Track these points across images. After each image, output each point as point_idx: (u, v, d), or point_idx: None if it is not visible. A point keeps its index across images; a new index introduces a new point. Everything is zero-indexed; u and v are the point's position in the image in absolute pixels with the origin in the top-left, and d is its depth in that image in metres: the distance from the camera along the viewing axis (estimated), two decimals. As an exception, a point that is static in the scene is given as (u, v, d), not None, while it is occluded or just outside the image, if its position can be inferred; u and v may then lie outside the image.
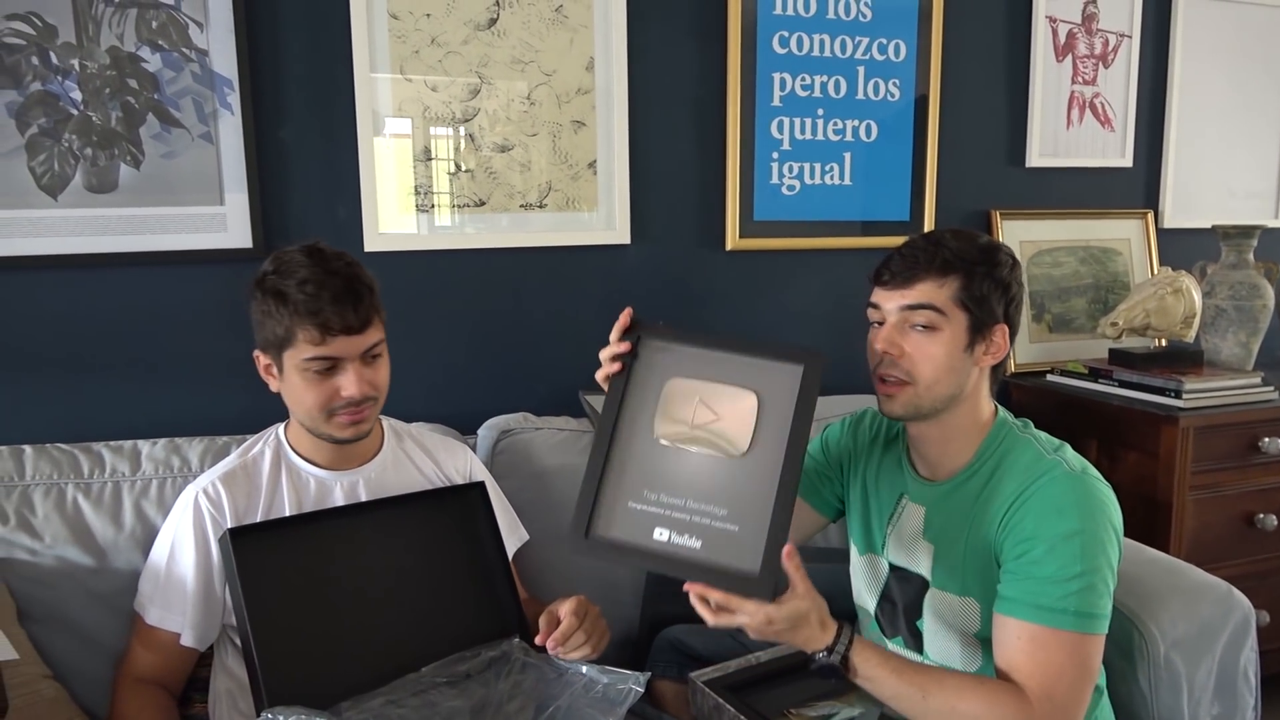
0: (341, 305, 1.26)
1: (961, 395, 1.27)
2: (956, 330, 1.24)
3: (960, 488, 1.30)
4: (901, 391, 1.26)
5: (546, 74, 1.96)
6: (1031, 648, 1.15)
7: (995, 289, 1.25)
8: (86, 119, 1.69)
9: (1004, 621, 1.19)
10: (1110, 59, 2.45)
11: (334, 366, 1.29)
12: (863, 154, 2.22)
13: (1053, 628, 1.14)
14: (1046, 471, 1.22)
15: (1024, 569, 1.18)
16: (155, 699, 1.29)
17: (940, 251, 1.24)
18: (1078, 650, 1.15)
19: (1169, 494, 2.01)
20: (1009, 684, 1.15)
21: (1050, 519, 1.18)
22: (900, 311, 1.25)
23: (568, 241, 2.02)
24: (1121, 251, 2.53)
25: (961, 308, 1.24)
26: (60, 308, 1.72)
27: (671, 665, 1.44)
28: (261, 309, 1.29)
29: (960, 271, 1.24)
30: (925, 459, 1.36)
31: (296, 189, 1.83)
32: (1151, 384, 2.09)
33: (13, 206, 1.67)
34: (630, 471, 1.14)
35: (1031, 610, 1.16)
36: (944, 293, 1.24)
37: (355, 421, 1.32)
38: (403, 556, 1.37)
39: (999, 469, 1.27)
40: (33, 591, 1.43)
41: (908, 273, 1.25)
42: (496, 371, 2.00)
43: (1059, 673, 1.14)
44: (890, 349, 1.25)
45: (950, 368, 1.24)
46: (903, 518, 1.38)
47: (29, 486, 1.50)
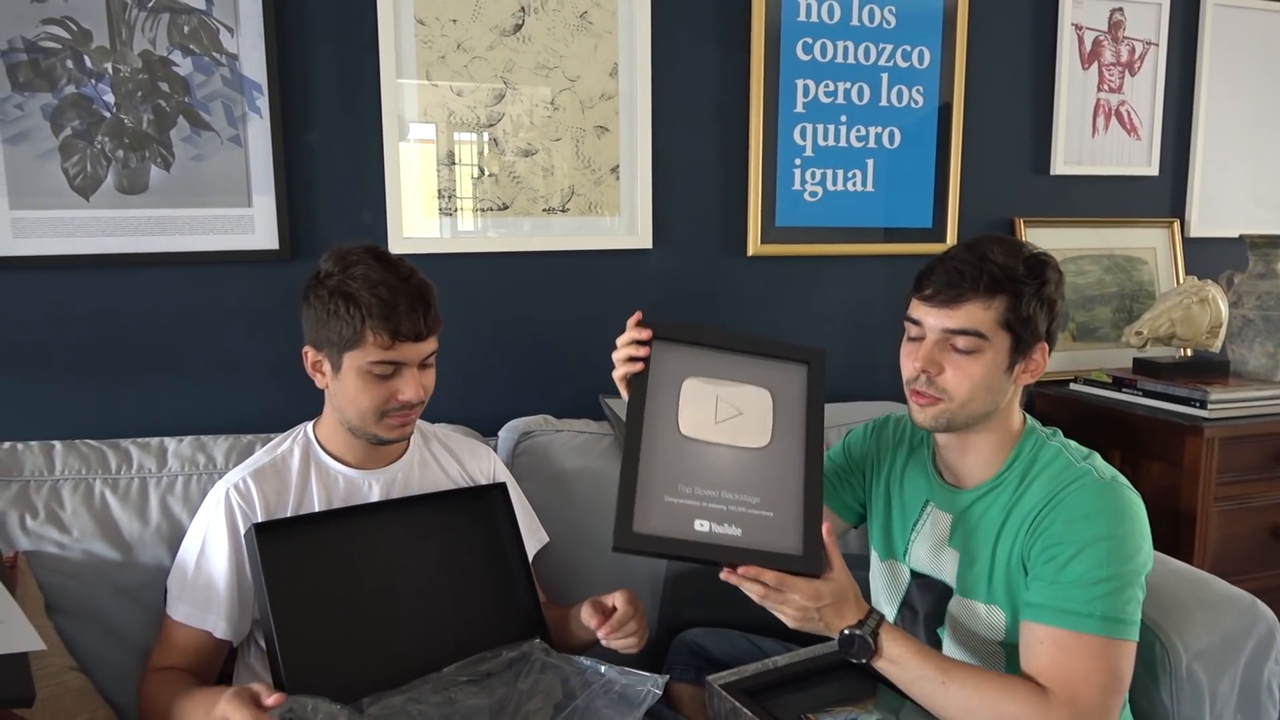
0: (414, 313, 1.29)
1: (994, 411, 1.26)
2: (998, 352, 1.22)
3: (988, 496, 1.30)
4: (935, 405, 1.25)
5: (570, 79, 1.97)
6: (1055, 652, 1.14)
7: (1042, 308, 1.22)
8: (119, 121, 1.72)
9: (1029, 627, 1.18)
10: (1137, 67, 2.44)
11: (394, 371, 1.31)
12: (885, 161, 2.22)
13: (1077, 632, 1.13)
14: (1076, 479, 1.21)
15: (1050, 574, 1.17)
16: (179, 676, 1.29)
17: (987, 268, 1.20)
18: (1104, 655, 1.13)
19: (1193, 505, 1.99)
20: (1033, 683, 1.14)
21: (1078, 524, 1.17)
22: (942, 332, 1.23)
23: (589, 246, 2.03)
24: (1147, 260, 2.51)
25: (1006, 329, 1.21)
26: (90, 307, 1.75)
27: (689, 668, 1.45)
28: (327, 308, 1.29)
29: (1008, 292, 1.20)
30: (952, 467, 1.35)
31: (322, 192, 1.85)
32: (1176, 394, 2.07)
33: (46, 207, 1.70)
34: (662, 467, 1.17)
35: (1056, 615, 1.15)
36: (990, 315, 1.20)
37: (404, 424, 1.35)
38: (425, 555, 1.38)
39: (1028, 475, 1.26)
40: (60, 584, 1.45)
41: (953, 291, 1.21)
42: (517, 374, 2.01)
43: (1083, 678, 1.12)
44: (929, 368, 1.23)
45: (988, 388, 1.23)
46: (927, 524, 1.37)
47: (58, 481, 1.53)
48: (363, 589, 1.32)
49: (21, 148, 1.68)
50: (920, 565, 1.38)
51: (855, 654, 1.17)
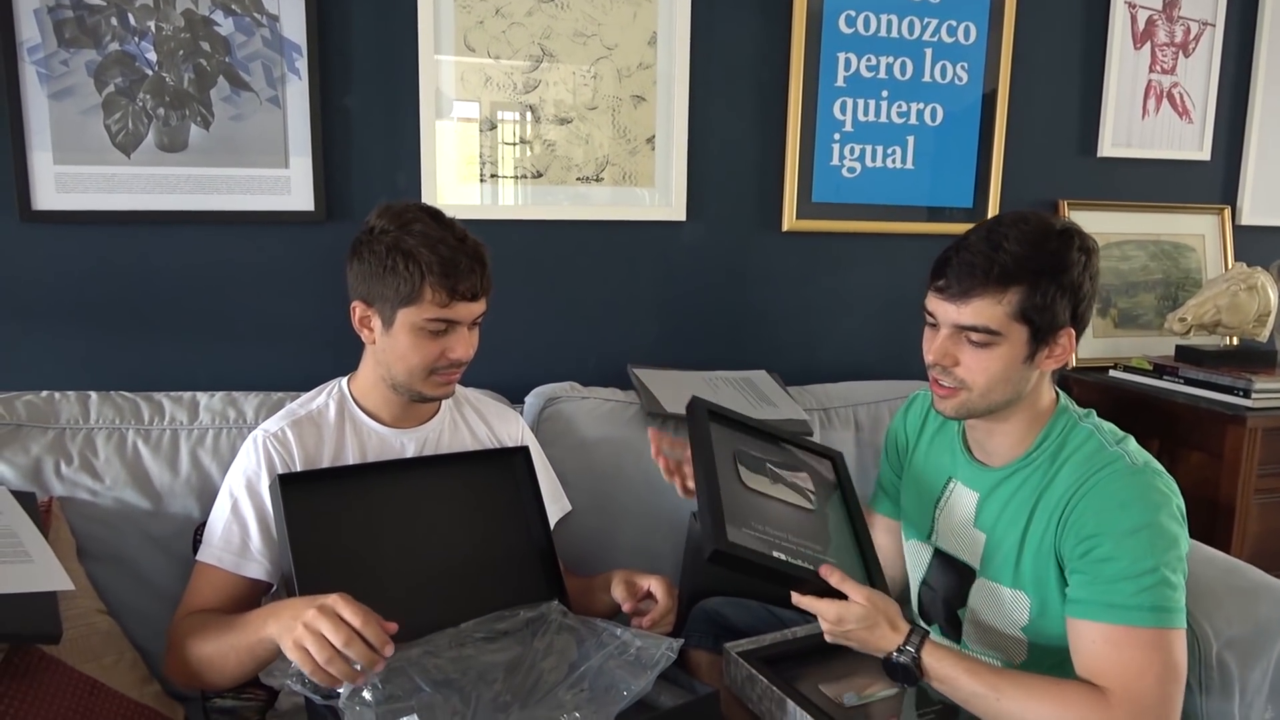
0: (472, 273, 1.31)
1: (1019, 398, 1.23)
2: (1015, 344, 1.19)
3: (1017, 475, 1.27)
4: (954, 395, 1.23)
5: (608, 48, 1.96)
6: (1109, 649, 1.11)
7: (1062, 295, 1.17)
8: (160, 79, 1.74)
9: (1077, 626, 1.15)
10: (1191, 48, 2.37)
11: (447, 329, 1.32)
12: (927, 138, 2.18)
13: (1129, 625, 1.10)
14: (1107, 464, 1.18)
15: (1092, 569, 1.14)
16: (205, 613, 1.28)
17: (999, 260, 1.15)
18: (1158, 647, 1.10)
19: (1232, 496, 1.94)
20: (1088, 685, 1.11)
21: (1113, 514, 1.14)
22: (953, 326, 1.20)
23: (623, 216, 2.02)
24: (1195, 248, 2.44)
25: (1021, 321, 1.17)
26: (129, 262, 1.77)
27: (707, 636, 1.44)
28: (383, 263, 1.29)
29: (1022, 283, 1.16)
30: (981, 444, 1.33)
31: (358, 155, 1.86)
32: (1219, 382, 2.02)
33: (89, 163, 1.73)
34: (737, 506, 1.25)
35: (1104, 610, 1.12)
36: (1001, 309, 1.17)
37: (449, 382, 1.37)
38: (446, 514, 1.39)
39: (1058, 458, 1.24)
40: (92, 530, 1.48)
41: (963, 285, 1.18)
42: (546, 342, 2.01)
43: (1140, 672, 1.09)
44: (943, 359, 1.22)
45: (1006, 379, 1.20)
46: (951, 501, 1.36)
47: (92, 430, 1.55)
48: (383, 544, 1.33)
49: (66, 103, 1.70)
50: (944, 544, 1.37)
51: (900, 679, 1.18)
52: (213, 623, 1.23)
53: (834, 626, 1.17)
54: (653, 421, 1.76)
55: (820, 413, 1.90)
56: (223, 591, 1.32)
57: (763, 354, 2.12)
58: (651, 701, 1.20)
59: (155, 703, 1.35)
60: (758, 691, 1.24)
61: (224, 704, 1.41)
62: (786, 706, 1.18)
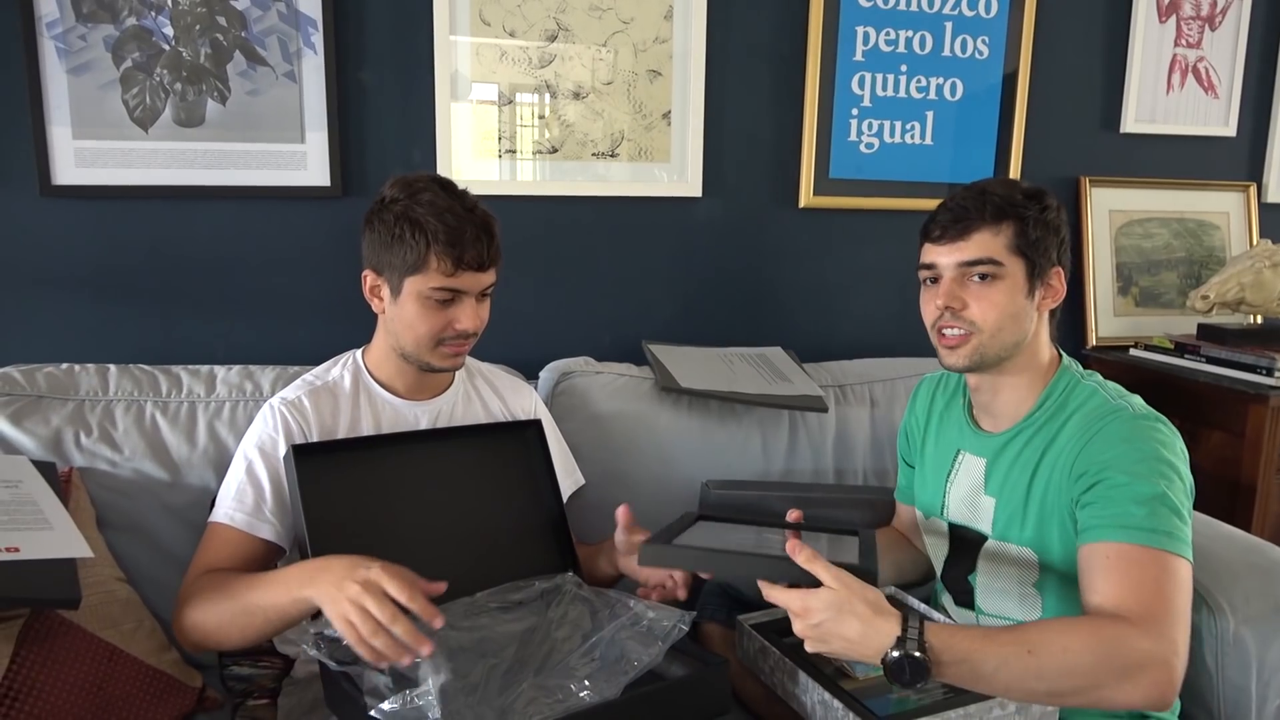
0: (479, 242, 1.30)
1: (1024, 342, 1.26)
2: (1016, 277, 1.23)
3: (1021, 435, 1.29)
4: (965, 342, 1.24)
5: (624, 22, 1.95)
6: (1124, 566, 1.08)
7: (1048, 232, 1.24)
8: (177, 54, 1.75)
9: (1090, 549, 1.12)
10: (1218, 21, 2.33)
11: (453, 299, 1.32)
12: (946, 113, 2.16)
13: (1142, 545, 1.08)
14: (1113, 413, 1.20)
15: (1103, 494, 1.13)
16: (215, 573, 1.26)
17: (989, 199, 1.23)
18: (1171, 570, 1.07)
19: (1254, 476, 1.92)
20: (1109, 618, 1.05)
21: (1119, 449, 1.15)
22: (958, 267, 1.24)
23: (638, 192, 2.02)
24: (1219, 225, 2.41)
25: (1018, 254, 1.23)
26: (146, 237, 1.79)
27: (720, 609, 1.45)
28: (391, 232, 1.30)
29: (1013, 218, 1.23)
30: (988, 410, 1.34)
31: (374, 130, 1.86)
32: (1242, 361, 1.99)
33: (107, 138, 1.74)
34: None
35: (1118, 530, 1.09)
36: (1000, 241, 1.23)
37: (457, 354, 1.36)
38: (459, 486, 1.40)
39: (1061, 414, 1.25)
40: (111, 500, 1.50)
41: (961, 225, 1.23)
42: (561, 317, 2.01)
43: (1156, 589, 1.05)
44: (952, 302, 1.24)
45: (1013, 314, 1.23)
46: (959, 473, 1.36)
47: (111, 402, 1.57)
48: (397, 516, 1.33)
49: (84, 78, 1.71)
50: (957, 517, 1.37)
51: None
52: (233, 581, 1.20)
53: (803, 622, 1.02)
54: (667, 396, 1.76)
55: (836, 389, 1.90)
56: (236, 551, 1.30)
57: (778, 330, 2.11)
58: (662, 672, 1.20)
59: (173, 670, 1.37)
60: (770, 663, 1.24)
61: (240, 671, 1.43)
62: (798, 678, 1.18)
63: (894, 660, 0.99)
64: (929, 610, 1.37)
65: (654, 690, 1.13)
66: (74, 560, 1.24)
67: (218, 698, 1.40)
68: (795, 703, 1.20)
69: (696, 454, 1.74)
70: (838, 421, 1.85)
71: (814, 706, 1.16)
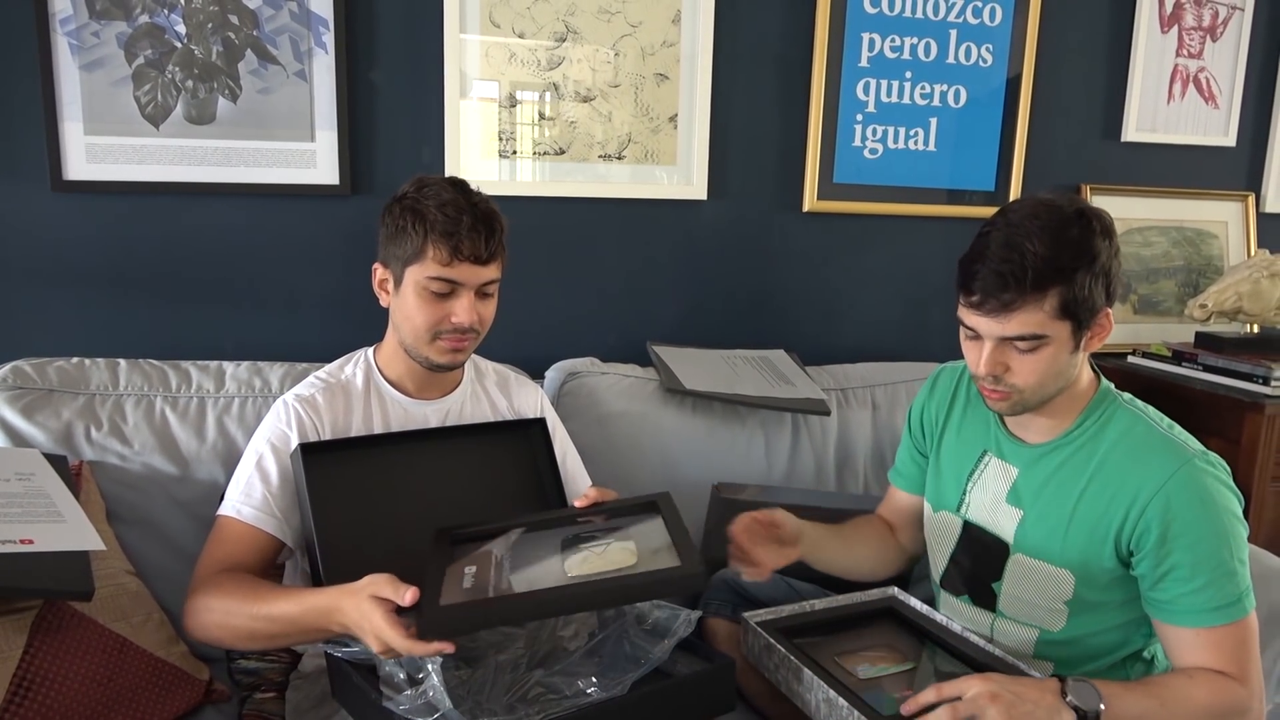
0: (476, 234, 1.30)
1: (1066, 387, 1.25)
2: (1061, 341, 1.18)
3: (1058, 451, 1.28)
4: (1008, 398, 1.23)
5: (632, 25, 1.96)
6: (1212, 645, 1.18)
7: (1097, 283, 1.16)
8: (189, 52, 1.76)
9: (1177, 632, 1.21)
10: (1219, 32, 2.35)
11: (451, 292, 1.33)
12: (950, 120, 2.18)
13: (1227, 624, 1.18)
14: (1175, 471, 1.19)
15: (1180, 579, 1.19)
16: (234, 574, 1.26)
17: (1031, 265, 1.13)
18: (1249, 629, 1.20)
19: (1249, 483, 1.94)
20: (1216, 672, 1.18)
21: (1194, 526, 1.18)
22: (999, 339, 1.19)
23: (644, 195, 2.03)
24: (1217, 235, 2.43)
25: (1064, 318, 1.17)
26: (157, 233, 1.80)
27: (726, 605, 1.46)
28: (397, 224, 1.33)
29: (1058, 283, 1.14)
30: (1022, 424, 1.33)
31: (383, 130, 1.87)
32: (1239, 369, 2.02)
33: (118, 134, 1.75)
34: None
35: (1204, 615, 1.18)
36: (1044, 314, 1.16)
37: (455, 349, 1.36)
38: (463, 483, 1.41)
39: (1102, 436, 1.25)
40: (121, 494, 1.52)
41: (1001, 299, 1.15)
42: (567, 318, 2.03)
43: (1246, 656, 1.19)
44: (995, 369, 1.21)
45: (1057, 374, 1.21)
46: (985, 475, 1.36)
47: (122, 396, 1.58)
48: (403, 514, 1.35)
49: (97, 74, 1.72)
50: (977, 517, 1.36)
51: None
52: (250, 587, 1.21)
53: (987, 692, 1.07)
54: (672, 397, 1.77)
55: (838, 393, 1.91)
56: (243, 545, 1.30)
57: (782, 333, 2.13)
58: (668, 669, 1.21)
59: (182, 662, 1.39)
60: (775, 661, 1.25)
61: (248, 665, 1.44)
62: (803, 676, 1.19)
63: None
64: (959, 627, 1.36)
65: (660, 688, 1.14)
66: (87, 553, 1.25)
67: (225, 691, 1.42)
68: (799, 700, 1.21)
69: (700, 455, 1.76)
70: (840, 424, 1.86)
71: (818, 704, 1.17)
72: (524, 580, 1.12)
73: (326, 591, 1.14)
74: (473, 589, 1.11)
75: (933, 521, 1.44)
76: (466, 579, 1.14)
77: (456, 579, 1.14)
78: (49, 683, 1.20)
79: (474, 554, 1.21)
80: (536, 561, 1.16)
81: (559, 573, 1.13)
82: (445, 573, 1.16)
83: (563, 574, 1.13)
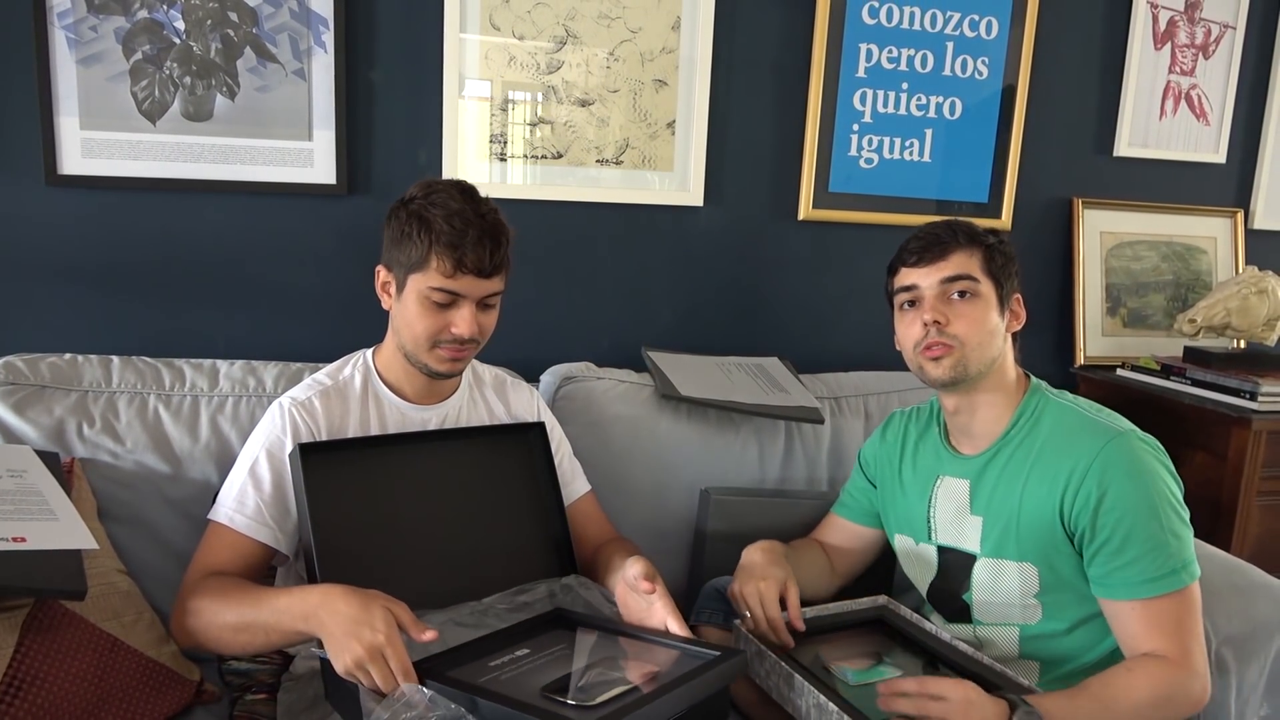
0: (481, 247, 1.29)
1: (998, 359, 1.34)
2: (990, 297, 1.33)
3: (1001, 453, 1.34)
4: (949, 354, 1.31)
5: (632, 31, 1.97)
6: (1156, 621, 1.21)
7: (1009, 261, 1.36)
8: (188, 48, 1.75)
9: (1114, 606, 1.24)
10: (1211, 50, 2.37)
11: (452, 302, 1.32)
12: (944, 132, 2.19)
13: (1161, 595, 1.20)
14: (1103, 447, 1.25)
15: (1110, 551, 1.22)
16: (220, 577, 1.26)
17: (958, 226, 1.36)
18: (1190, 601, 1.22)
19: (1234, 497, 1.96)
20: (1155, 659, 1.20)
21: (1123, 498, 1.22)
22: (940, 285, 1.33)
23: (641, 200, 2.04)
24: (1206, 250, 2.46)
25: (989, 277, 1.34)
26: (152, 229, 1.79)
27: (717, 612, 1.47)
28: (403, 229, 1.31)
29: (981, 245, 1.35)
30: (966, 432, 1.39)
31: (382, 130, 1.87)
32: (1226, 384, 2.04)
33: (115, 129, 1.74)
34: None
35: (1137, 588, 1.21)
36: (975, 262, 1.33)
37: (454, 359, 1.35)
38: (462, 487, 1.41)
39: (1038, 430, 1.32)
40: (113, 492, 1.50)
41: (938, 248, 1.34)
42: (562, 322, 2.03)
43: (1185, 630, 1.21)
44: (938, 317, 1.31)
45: (990, 330, 1.32)
46: (939, 497, 1.40)
47: (114, 394, 1.57)
48: (400, 515, 1.35)
49: (94, 69, 1.71)
50: (946, 539, 1.41)
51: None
52: (236, 593, 1.21)
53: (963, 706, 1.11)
54: (667, 403, 1.78)
55: (831, 401, 1.92)
56: (235, 554, 1.30)
57: (776, 341, 2.13)
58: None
59: (172, 663, 1.38)
60: (766, 667, 1.26)
61: (239, 666, 1.44)
62: (794, 682, 1.20)
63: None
64: (949, 636, 1.37)
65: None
66: (79, 552, 1.25)
67: (216, 692, 1.41)
68: (790, 706, 1.22)
69: (695, 461, 1.76)
70: (833, 433, 1.87)
71: (809, 710, 1.18)
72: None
73: (320, 585, 1.15)
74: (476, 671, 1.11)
75: (912, 554, 1.48)
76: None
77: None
78: (40, 682, 1.19)
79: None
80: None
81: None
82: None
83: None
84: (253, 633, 1.18)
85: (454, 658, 1.14)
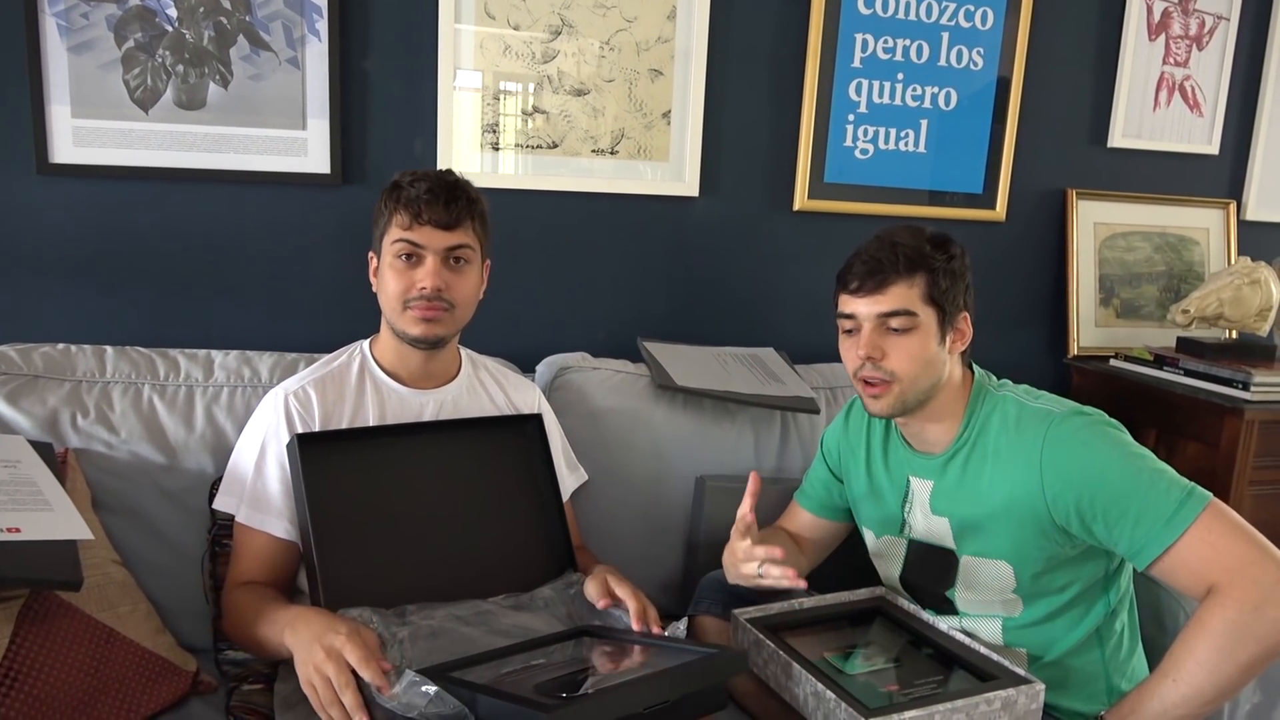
0: (435, 199, 1.33)
1: (939, 384, 1.32)
2: (929, 327, 1.29)
3: (958, 455, 1.34)
4: (887, 390, 1.30)
5: (628, 20, 1.96)
6: (1196, 554, 1.16)
7: (956, 280, 1.31)
8: (180, 36, 1.74)
9: (1160, 567, 1.19)
10: (1205, 41, 2.38)
11: (418, 258, 1.35)
12: (939, 122, 2.19)
13: (1186, 529, 1.16)
14: (1044, 436, 1.25)
15: (1116, 520, 1.20)
16: (257, 589, 1.32)
17: (900, 251, 1.28)
18: (1215, 523, 1.16)
19: (1227, 487, 1.97)
20: (1207, 604, 1.15)
21: (1086, 471, 1.21)
22: (877, 318, 1.29)
23: (636, 190, 2.03)
24: (1199, 241, 2.47)
25: (931, 304, 1.29)
26: (145, 219, 1.78)
27: (715, 603, 1.47)
28: (379, 208, 1.38)
29: (924, 269, 1.28)
30: (917, 438, 1.39)
31: (376, 120, 1.86)
32: (1219, 374, 2.05)
33: (107, 117, 1.73)
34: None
35: (1160, 535, 1.17)
36: (914, 293, 1.28)
37: (425, 318, 1.35)
38: (460, 478, 1.41)
39: (989, 428, 1.32)
40: (107, 482, 1.50)
41: (877, 278, 1.28)
42: (556, 312, 2.03)
43: (1229, 548, 1.15)
44: (873, 353, 1.29)
45: (927, 362, 1.29)
46: (914, 496, 1.40)
47: (109, 384, 1.56)
48: (398, 506, 1.35)
49: (85, 57, 1.70)
50: (921, 534, 1.41)
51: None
52: (251, 608, 1.27)
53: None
54: (663, 393, 1.78)
55: (826, 391, 1.92)
56: (260, 552, 1.35)
57: (771, 331, 2.13)
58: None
59: (168, 653, 1.37)
60: (764, 656, 1.26)
61: (236, 656, 1.44)
62: (792, 671, 1.20)
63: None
64: (945, 626, 1.37)
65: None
66: (75, 542, 1.24)
67: (212, 682, 1.41)
68: (788, 694, 1.22)
69: (691, 451, 1.76)
70: (828, 423, 1.87)
71: (806, 698, 1.18)
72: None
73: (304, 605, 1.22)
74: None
75: (878, 547, 1.48)
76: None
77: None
78: (36, 672, 1.18)
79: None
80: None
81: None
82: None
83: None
84: (261, 647, 1.25)
85: (471, 660, 1.16)
